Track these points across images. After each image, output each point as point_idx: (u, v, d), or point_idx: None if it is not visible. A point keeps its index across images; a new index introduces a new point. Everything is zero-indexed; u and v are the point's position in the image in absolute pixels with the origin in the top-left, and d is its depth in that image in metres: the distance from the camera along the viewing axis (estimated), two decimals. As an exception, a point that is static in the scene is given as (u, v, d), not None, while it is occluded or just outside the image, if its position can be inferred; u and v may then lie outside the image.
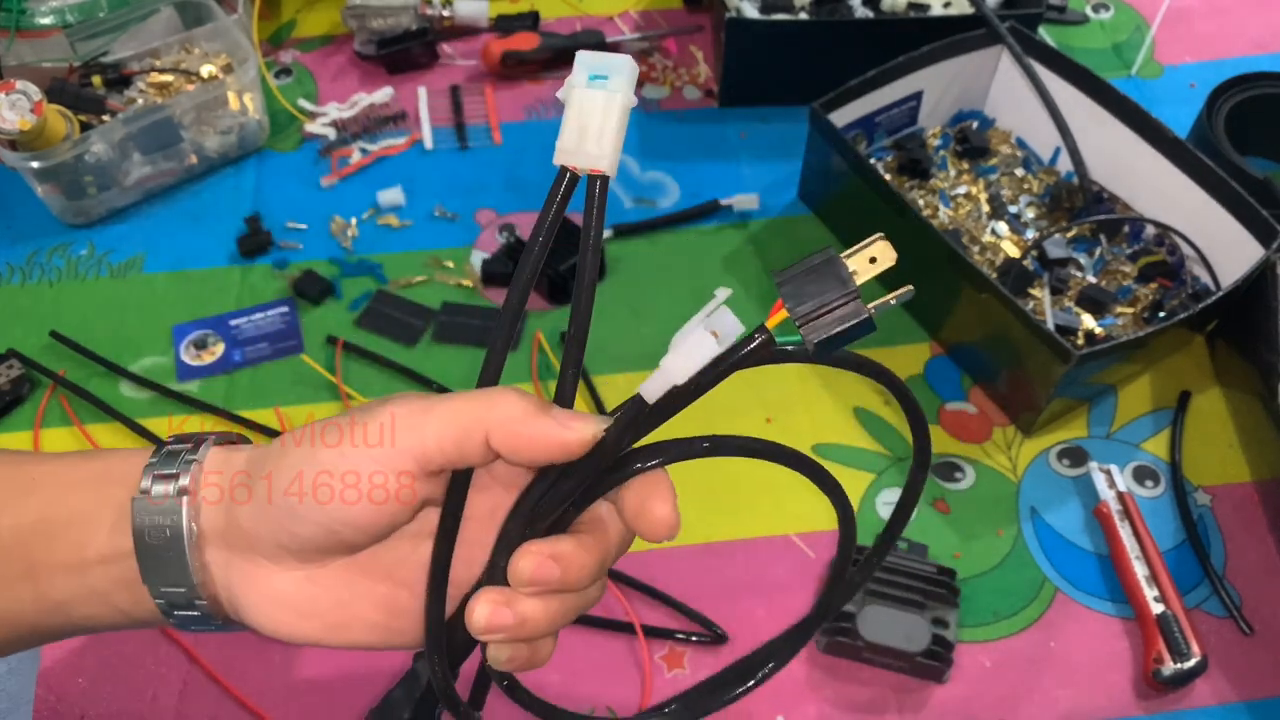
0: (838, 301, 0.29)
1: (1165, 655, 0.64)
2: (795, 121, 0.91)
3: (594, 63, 0.31)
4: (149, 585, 0.35)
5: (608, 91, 0.31)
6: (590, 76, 0.31)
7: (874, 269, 0.30)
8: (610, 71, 0.31)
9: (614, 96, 0.31)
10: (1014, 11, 0.90)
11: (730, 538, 0.71)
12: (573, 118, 0.31)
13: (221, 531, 0.35)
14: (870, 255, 0.30)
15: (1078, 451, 0.76)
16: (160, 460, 0.36)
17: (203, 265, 0.86)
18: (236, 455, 0.36)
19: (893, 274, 0.31)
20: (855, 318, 0.29)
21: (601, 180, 0.32)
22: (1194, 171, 0.79)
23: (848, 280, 0.30)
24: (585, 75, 0.31)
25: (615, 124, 0.31)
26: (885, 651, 0.63)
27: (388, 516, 0.34)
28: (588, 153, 0.31)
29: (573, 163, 0.32)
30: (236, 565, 0.35)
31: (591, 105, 0.31)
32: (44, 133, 0.79)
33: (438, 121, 0.96)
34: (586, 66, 0.31)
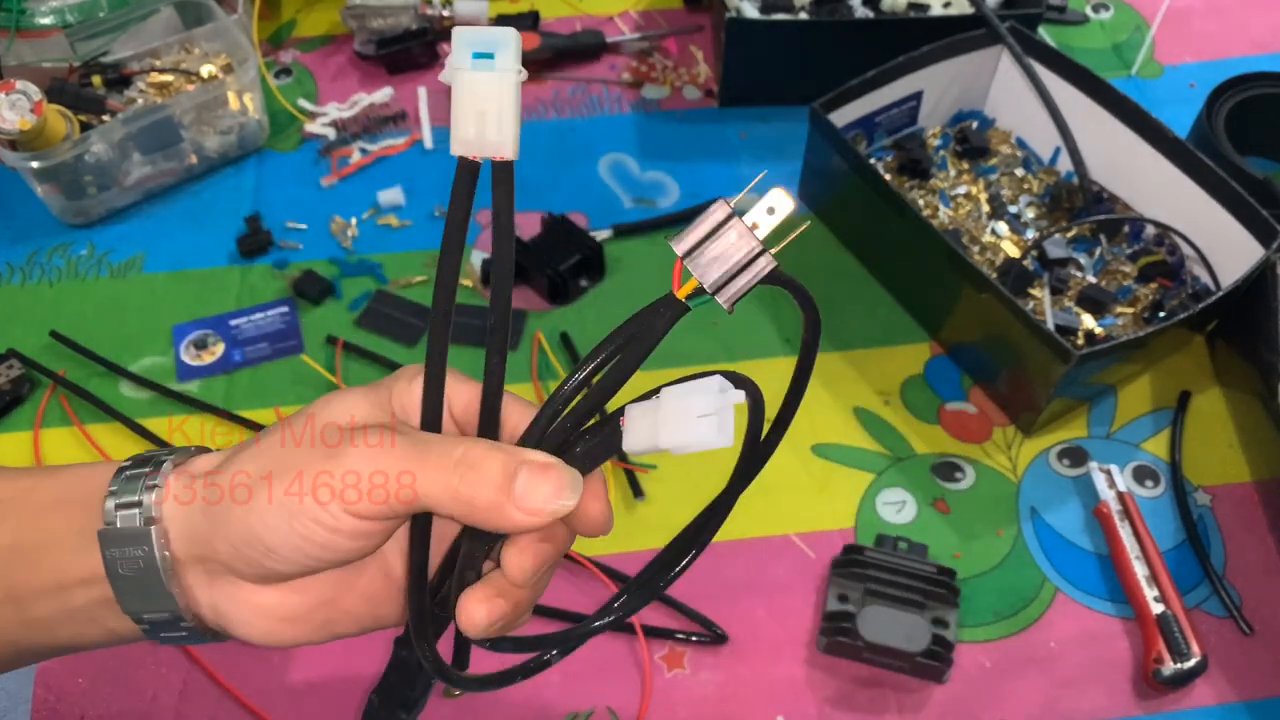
0: (745, 260, 0.29)
1: (1165, 655, 0.64)
2: (795, 121, 0.91)
3: (475, 39, 0.29)
4: (129, 612, 0.35)
5: (497, 72, 0.29)
6: (474, 55, 0.29)
7: (774, 219, 0.29)
8: (495, 48, 0.28)
9: (505, 76, 0.29)
10: (1014, 11, 0.90)
11: (730, 538, 0.71)
12: (466, 104, 0.29)
13: (198, 557, 0.35)
14: (769, 205, 0.29)
15: (1078, 451, 0.76)
16: (121, 486, 0.35)
17: (203, 265, 0.86)
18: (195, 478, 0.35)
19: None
20: (765, 270, 0.29)
21: (506, 166, 0.30)
22: (1194, 171, 0.79)
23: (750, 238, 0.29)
24: (468, 55, 0.29)
25: (512, 106, 0.29)
26: (885, 651, 0.63)
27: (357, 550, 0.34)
28: (489, 141, 0.29)
29: (475, 153, 0.30)
30: (219, 585, 0.35)
31: (484, 89, 0.29)
32: (44, 133, 0.79)
33: (438, 121, 0.96)
34: (468, 44, 0.29)
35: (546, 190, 0.91)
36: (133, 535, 0.34)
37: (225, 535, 0.33)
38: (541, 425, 0.34)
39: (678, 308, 0.30)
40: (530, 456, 0.33)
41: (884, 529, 0.72)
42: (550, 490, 0.32)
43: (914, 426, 0.77)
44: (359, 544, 0.33)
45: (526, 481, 0.32)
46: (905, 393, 0.79)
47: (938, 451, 0.76)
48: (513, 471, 0.32)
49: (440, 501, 0.32)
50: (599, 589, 0.68)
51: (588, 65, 1.02)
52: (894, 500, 0.73)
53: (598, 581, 0.69)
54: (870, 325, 0.82)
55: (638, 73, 1.01)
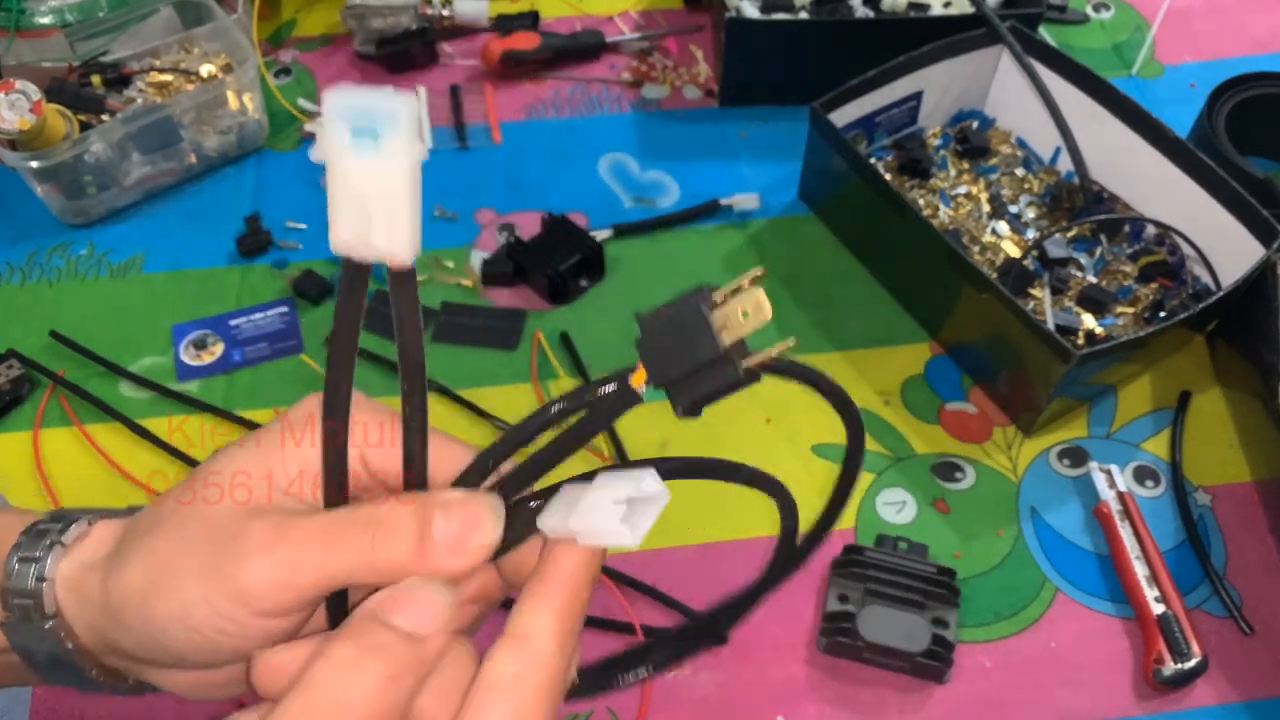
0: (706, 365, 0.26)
1: (1165, 655, 0.64)
2: (795, 121, 0.91)
3: (351, 110, 0.22)
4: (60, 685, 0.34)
5: (381, 157, 0.22)
6: (354, 133, 0.22)
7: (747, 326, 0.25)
8: (380, 124, 0.21)
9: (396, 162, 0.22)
10: (1014, 11, 0.90)
11: (730, 538, 0.71)
12: (341, 196, 0.22)
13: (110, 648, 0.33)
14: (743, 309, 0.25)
15: (1078, 451, 0.76)
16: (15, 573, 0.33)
17: (202, 265, 0.86)
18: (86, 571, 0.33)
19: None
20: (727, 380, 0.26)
21: (406, 271, 0.24)
22: (1194, 171, 0.79)
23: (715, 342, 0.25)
24: (346, 133, 0.22)
25: (406, 199, 0.22)
26: (885, 651, 0.63)
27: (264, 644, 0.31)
28: (376, 247, 0.23)
29: (358, 255, 0.24)
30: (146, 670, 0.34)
31: (365, 180, 0.22)
32: (43, 132, 0.79)
33: (437, 121, 0.96)
34: (343, 118, 0.22)
35: (546, 190, 0.91)
36: (34, 631, 0.32)
37: (130, 639, 0.32)
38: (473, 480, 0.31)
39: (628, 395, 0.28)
40: (443, 498, 0.30)
41: (884, 529, 0.72)
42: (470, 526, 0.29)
43: (914, 426, 0.77)
44: (273, 639, 0.31)
45: (445, 522, 0.29)
46: (905, 393, 0.79)
47: (938, 451, 0.76)
48: (427, 517, 0.29)
49: (357, 576, 0.29)
50: (599, 589, 0.68)
51: (587, 65, 1.02)
52: (894, 500, 0.73)
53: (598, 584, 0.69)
54: (870, 325, 0.82)
55: (638, 72, 1.01)
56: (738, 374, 0.26)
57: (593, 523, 0.28)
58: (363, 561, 0.29)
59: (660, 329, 0.26)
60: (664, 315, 0.26)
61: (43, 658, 0.33)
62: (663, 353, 0.26)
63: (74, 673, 0.34)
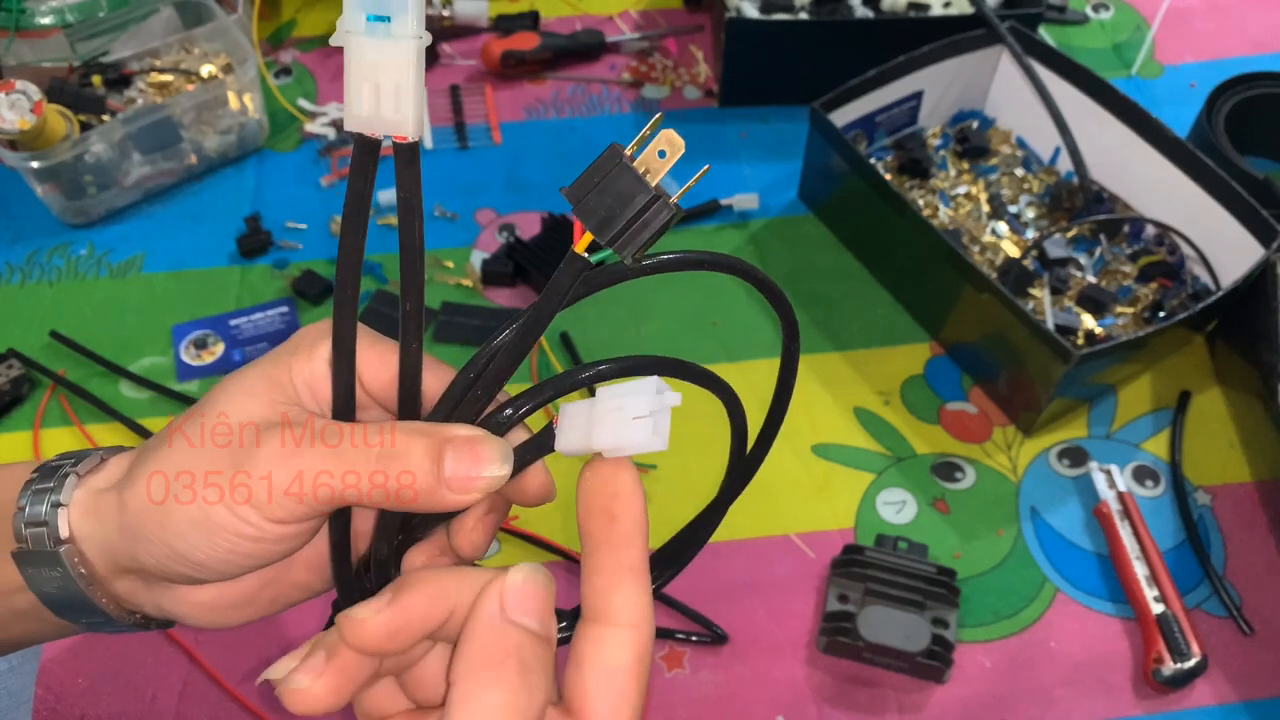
0: (642, 208, 0.26)
1: (1165, 655, 0.64)
2: (795, 121, 0.91)
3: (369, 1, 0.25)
4: (67, 620, 0.35)
5: (394, 39, 0.25)
6: (369, 18, 0.25)
7: (667, 163, 0.26)
8: (392, 10, 0.25)
9: (403, 44, 0.25)
10: (1014, 11, 0.90)
11: (730, 538, 0.71)
12: (356, 74, 0.26)
13: (124, 569, 0.34)
14: (659, 148, 0.26)
15: (1078, 451, 0.76)
16: (29, 502, 0.33)
17: (202, 265, 0.86)
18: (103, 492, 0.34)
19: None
20: (665, 217, 0.26)
21: (410, 147, 0.27)
22: (1194, 171, 0.79)
23: (645, 183, 0.26)
24: (361, 16, 0.25)
25: (412, 78, 0.25)
26: (885, 651, 0.63)
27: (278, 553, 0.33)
28: (386, 120, 0.26)
29: (370, 130, 0.27)
30: (156, 589, 0.34)
31: (378, 58, 0.25)
32: (44, 132, 0.79)
33: (438, 121, 0.96)
34: (360, 5, 0.25)
35: (546, 190, 0.91)
36: (45, 557, 0.33)
37: (148, 552, 0.32)
38: (455, 395, 0.32)
39: (577, 263, 0.28)
40: (454, 432, 0.31)
41: (884, 529, 0.72)
42: (481, 464, 0.30)
43: (914, 426, 0.77)
44: (286, 546, 0.32)
45: (455, 461, 0.30)
46: (905, 393, 0.79)
47: (938, 451, 0.76)
48: (438, 454, 0.30)
49: (365, 497, 0.31)
50: (599, 589, 0.68)
51: (588, 65, 1.02)
52: (894, 500, 0.73)
53: (598, 581, 0.69)
54: (870, 325, 0.82)
55: (638, 73, 1.01)
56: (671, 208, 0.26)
57: (619, 438, 0.29)
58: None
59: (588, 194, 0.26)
60: (588, 181, 0.26)
61: (54, 589, 0.33)
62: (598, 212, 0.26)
63: (84, 606, 0.34)
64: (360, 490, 0.30)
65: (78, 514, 0.33)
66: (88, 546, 0.33)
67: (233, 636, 0.67)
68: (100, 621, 0.35)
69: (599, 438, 0.30)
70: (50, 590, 0.33)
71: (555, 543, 0.70)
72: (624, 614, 0.30)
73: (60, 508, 0.33)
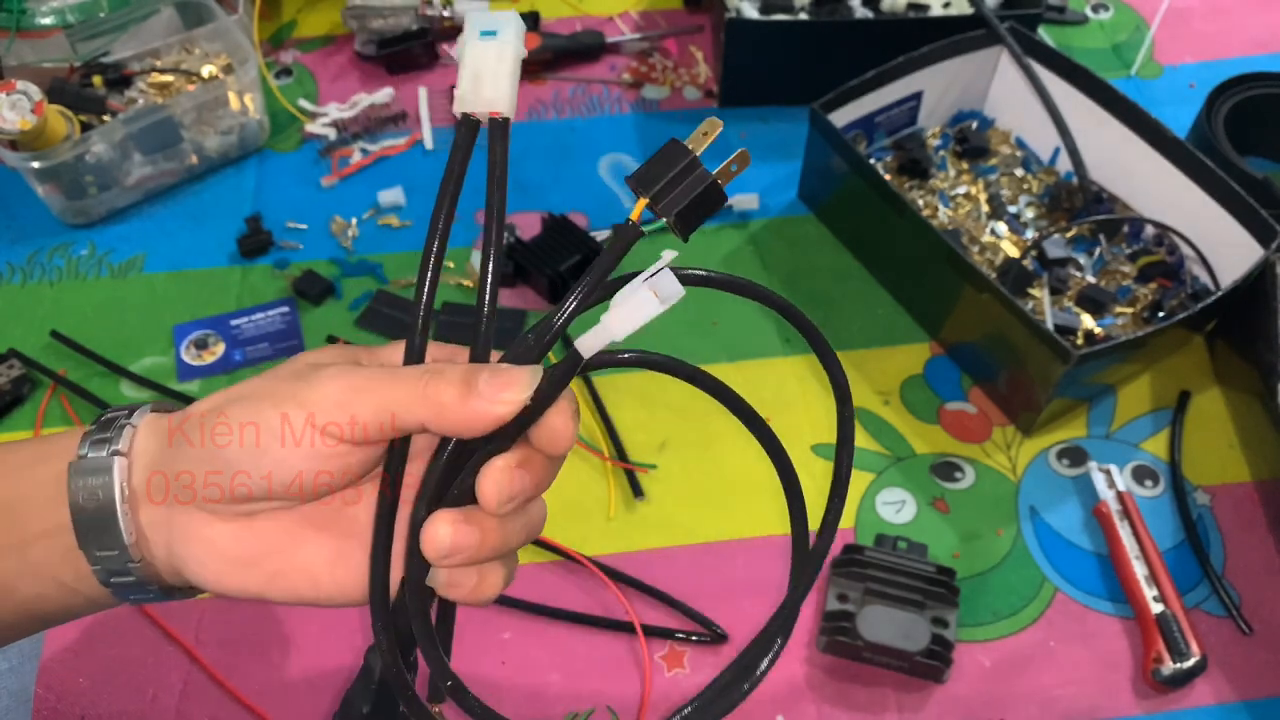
0: (682, 174, 0.31)
1: (1164, 655, 0.64)
2: (795, 121, 0.91)
3: (482, 20, 0.33)
4: (85, 551, 0.35)
5: (498, 42, 0.32)
6: (481, 33, 0.32)
7: (707, 139, 0.32)
8: (499, 27, 0.32)
9: (505, 45, 0.32)
10: (1013, 12, 0.90)
11: (730, 538, 0.71)
12: (467, 68, 0.32)
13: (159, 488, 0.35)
14: (703, 130, 0.32)
15: (1077, 451, 0.76)
16: (97, 427, 0.36)
17: (203, 265, 0.86)
18: (171, 415, 0.37)
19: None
20: (701, 184, 0.31)
21: (502, 121, 0.33)
22: (1193, 171, 0.79)
23: (687, 154, 0.31)
24: (476, 32, 0.32)
25: (509, 69, 0.32)
26: (885, 651, 0.63)
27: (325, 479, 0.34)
28: (484, 97, 0.32)
29: (472, 108, 0.33)
30: (176, 521, 0.35)
31: (484, 54, 0.32)
32: (44, 133, 0.79)
33: (438, 121, 0.97)
34: (476, 25, 0.33)
35: (546, 190, 0.91)
36: (97, 466, 0.35)
37: (194, 459, 0.34)
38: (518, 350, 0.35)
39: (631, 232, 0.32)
40: (491, 365, 0.34)
41: (883, 529, 0.72)
42: (510, 380, 0.33)
43: (914, 426, 0.77)
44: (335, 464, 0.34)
45: (489, 378, 0.33)
46: (905, 393, 0.79)
47: (937, 451, 0.76)
48: (474, 374, 0.33)
49: (409, 405, 0.33)
50: (599, 589, 0.68)
51: (588, 65, 1.02)
52: (893, 500, 0.73)
53: (597, 581, 0.69)
54: (870, 325, 0.83)
55: (638, 73, 1.01)
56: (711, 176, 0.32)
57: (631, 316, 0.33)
58: (414, 397, 0.33)
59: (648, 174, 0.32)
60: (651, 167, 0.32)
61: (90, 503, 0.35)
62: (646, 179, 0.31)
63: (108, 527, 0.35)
64: (406, 400, 0.33)
65: (140, 432, 0.36)
66: (138, 461, 0.35)
67: (233, 636, 0.67)
68: (111, 558, 0.36)
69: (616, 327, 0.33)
70: (88, 505, 0.35)
71: (556, 543, 0.70)
72: None
73: (128, 426, 0.36)
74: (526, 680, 0.65)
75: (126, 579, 0.36)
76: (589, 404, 0.77)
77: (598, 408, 0.77)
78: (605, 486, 0.73)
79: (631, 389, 0.77)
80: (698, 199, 0.31)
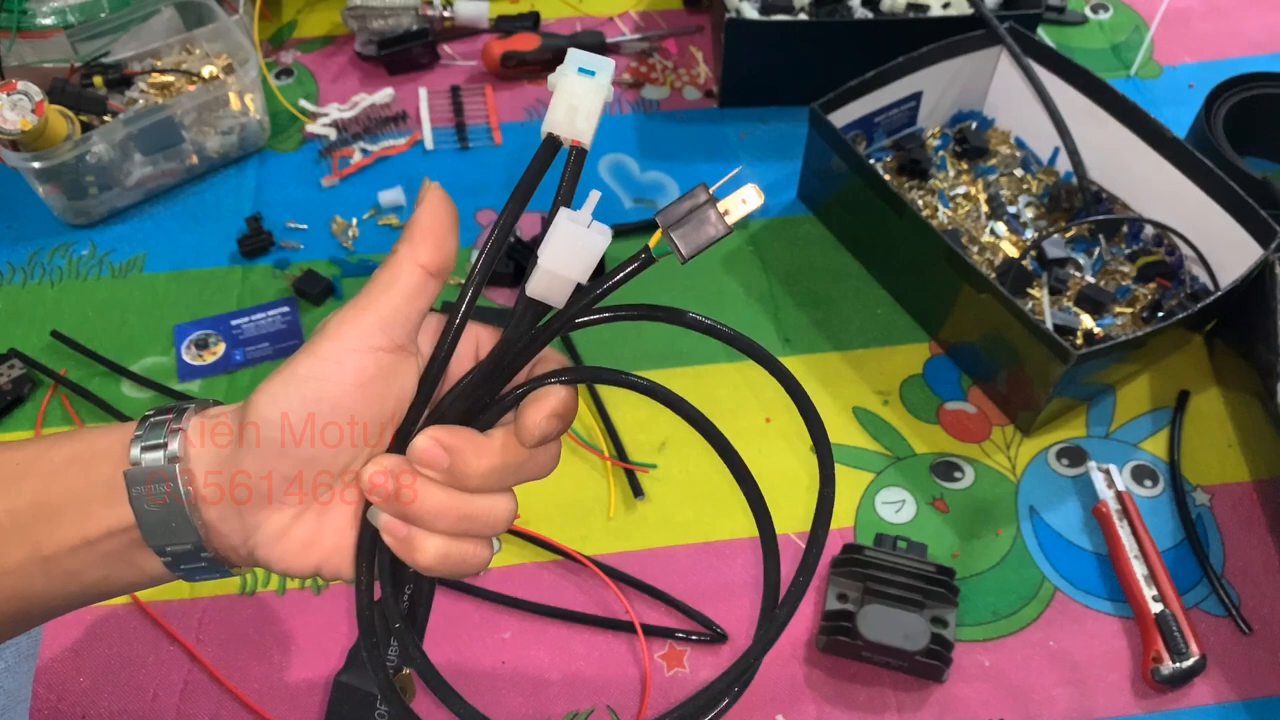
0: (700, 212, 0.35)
1: (1164, 654, 0.65)
2: (795, 122, 0.91)
3: (583, 58, 0.36)
4: (154, 548, 0.37)
5: (595, 82, 0.35)
6: (579, 69, 0.35)
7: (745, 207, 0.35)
8: (597, 68, 0.36)
9: (600, 87, 0.35)
10: (1013, 12, 0.90)
11: (730, 537, 0.71)
12: (564, 98, 0.35)
13: (225, 485, 0.36)
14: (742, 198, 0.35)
15: (1077, 451, 0.76)
16: (146, 432, 0.37)
17: (204, 265, 0.86)
18: (219, 415, 0.38)
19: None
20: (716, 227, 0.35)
21: (580, 151, 0.37)
22: (1193, 172, 0.79)
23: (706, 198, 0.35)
24: (575, 66, 0.36)
25: (597, 109, 0.36)
26: (884, 650, 0.63)
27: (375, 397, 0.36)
28: (576, 127, 0.36)
29: (561, 133, 0.36)
30: (248, 514, 0.37)
31: (582, 90, 0.35)
32: (45, 133, 0.79)
33: (438, 122, 0.97)
34: (576, 60, 0.36)
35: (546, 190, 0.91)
36: (157, 473, 0.36)
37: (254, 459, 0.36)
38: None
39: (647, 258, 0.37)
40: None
41: (883, 528, 0.72)
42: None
43: (913, 426, 0.77)
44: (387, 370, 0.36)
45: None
46: (904, 392, 0.79)
47: (937, 451, 0.76)
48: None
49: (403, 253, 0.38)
50: (599, 588, 0.69)
51: (588, 66, 1.02)
52: (893, 500, 0.73)
53: (597, 580, 0.69)
54: (870, 325, 0.83)
55: (638, 73, 1.01)
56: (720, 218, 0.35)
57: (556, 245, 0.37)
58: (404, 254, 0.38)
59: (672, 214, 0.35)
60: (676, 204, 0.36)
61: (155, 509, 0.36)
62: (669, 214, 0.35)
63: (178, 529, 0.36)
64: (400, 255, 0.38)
65: (192, 437, 0.37)
66: (197, 467, 0.37)
67: (233, 636, 0.67)
68: (182, 550, 0.37)
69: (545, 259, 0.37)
70: (154, 509, 0.36)
71: (556, 542, 0.70)
72: None
73: (179, 431, 0.37)
74: (526, 680, 0.65)
75: (197, 565, 0.38)
76: (589, 404, 0.77)
77: (598, 408, 0.77)
78: (605, 486, 0.74)
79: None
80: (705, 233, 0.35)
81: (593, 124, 0.36)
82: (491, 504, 0.38)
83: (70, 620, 0.67)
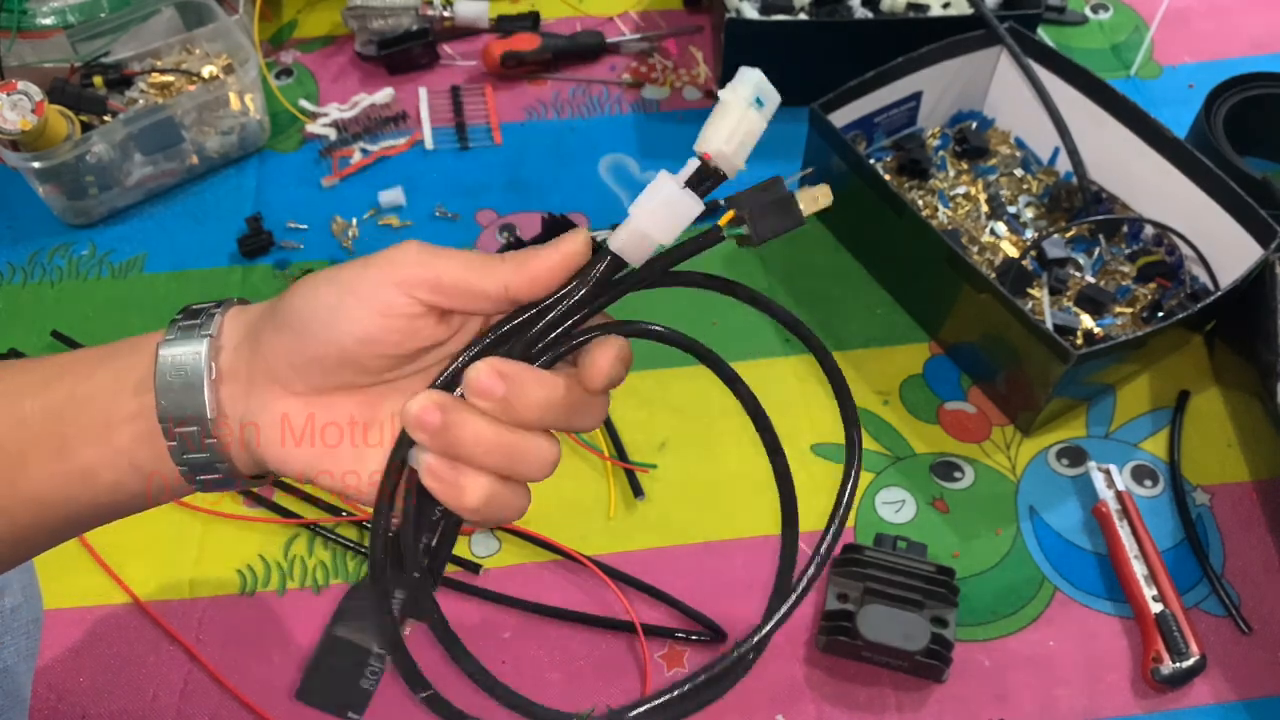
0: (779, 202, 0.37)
1: (1164, 654, 0.65)
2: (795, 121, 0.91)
3: (760, 87, 0.36)
4: (164, 427, 0.38)
5: (761, 116, 0.36)
6: (756, 99, 0.35)
7: (817, 204, 0.37)
8: (768, 101, 0.36)
9: (763, 122, 0.36)
10: (1013, 12, 0.90)
11: (730, 537, 0.71)
12: (733, 124, 0.35)
13: (242, 365, 0.38)
14: (815, 195, 0.37)
15: (1076, 451, 0.76)
16: (184, 316, 0.40)
17: (204, 265, 0.86)
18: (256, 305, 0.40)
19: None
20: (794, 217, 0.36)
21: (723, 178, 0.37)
22: (1193, 172, 0.79)
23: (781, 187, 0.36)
24: (753, 94, 0.35)
25: (757, 135, 0.36)
26: (884, 650, 0.63)
27: (394, 334, 0.36)
28: (733, 162, 0.36)
29: (719, 162, 0.36)
30: (254, 395, 0.38)
31: (751, 125, 0.36)
32: (45, 133, 0.79)
33: (438, 122, 0.97)
34: (755, 87, 0.36)
35: (546, 190, 0.92)
36: (185, 346, 0.38)
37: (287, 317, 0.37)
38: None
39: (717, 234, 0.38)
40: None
41: (883, 528, 0.72)
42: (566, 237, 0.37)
43: (913, 426, 0.77)
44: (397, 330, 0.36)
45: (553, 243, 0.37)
46: (904, 392, 0.79)
47: (937, 451, 0.76)
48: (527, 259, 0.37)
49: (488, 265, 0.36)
50: (599, 588, 0.69)
51: (588, 66, 1.02)
52: (893, 500, 0.73)
53: (597, 580, 0.69)
54: (869, 325, 0.83)
55: (638, 73, 1.01)
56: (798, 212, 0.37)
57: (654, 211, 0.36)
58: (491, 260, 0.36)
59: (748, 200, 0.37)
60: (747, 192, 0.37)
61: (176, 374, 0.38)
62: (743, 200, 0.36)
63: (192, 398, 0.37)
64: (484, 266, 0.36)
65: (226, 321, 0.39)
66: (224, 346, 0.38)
67: (233, 636, 0.67)
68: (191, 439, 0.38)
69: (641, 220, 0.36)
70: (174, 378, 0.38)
71: (556, 542, 0.70)
72: None
73: (216, 315, 0.39)
74: (526, 680, 0.65)
75: (200, 456, 0.38)
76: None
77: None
78: (605, 486, 0.74)
79: (631, 389, 0.77)
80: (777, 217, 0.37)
81: (744, 156, 0.36)
82: (539, 444, 0.37)
83: (70, 620, 0.67)
